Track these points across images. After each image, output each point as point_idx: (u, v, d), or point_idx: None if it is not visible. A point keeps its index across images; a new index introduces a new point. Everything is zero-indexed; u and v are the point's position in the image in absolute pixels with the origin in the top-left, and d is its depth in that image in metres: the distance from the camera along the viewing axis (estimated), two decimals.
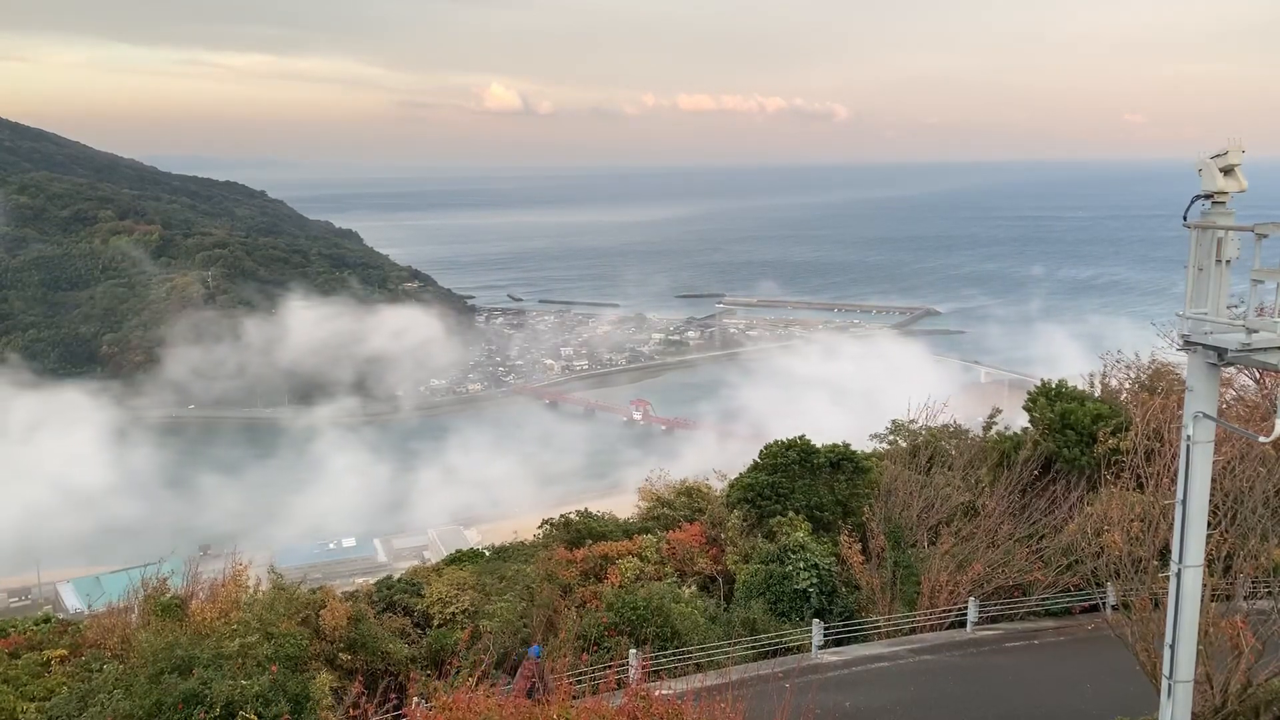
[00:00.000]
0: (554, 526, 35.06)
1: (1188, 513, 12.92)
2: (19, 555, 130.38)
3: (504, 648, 24.89)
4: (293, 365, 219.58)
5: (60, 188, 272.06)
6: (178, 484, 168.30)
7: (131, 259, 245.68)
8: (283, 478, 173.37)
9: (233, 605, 24.46)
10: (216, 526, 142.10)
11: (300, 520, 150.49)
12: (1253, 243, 11.78)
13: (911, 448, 37.43)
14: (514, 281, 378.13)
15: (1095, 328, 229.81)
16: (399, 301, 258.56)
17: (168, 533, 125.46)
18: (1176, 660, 13.53)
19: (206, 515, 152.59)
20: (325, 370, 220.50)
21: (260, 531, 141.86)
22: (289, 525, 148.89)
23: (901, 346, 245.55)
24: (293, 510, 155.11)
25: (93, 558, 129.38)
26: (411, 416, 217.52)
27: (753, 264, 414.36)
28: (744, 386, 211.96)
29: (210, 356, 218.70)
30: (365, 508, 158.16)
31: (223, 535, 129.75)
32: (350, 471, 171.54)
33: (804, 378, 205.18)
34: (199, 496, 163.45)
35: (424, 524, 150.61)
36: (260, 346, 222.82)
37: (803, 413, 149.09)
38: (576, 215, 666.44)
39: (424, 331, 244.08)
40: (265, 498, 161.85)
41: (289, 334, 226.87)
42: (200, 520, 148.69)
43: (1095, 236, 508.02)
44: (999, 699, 23.11)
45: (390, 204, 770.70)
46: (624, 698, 15.31)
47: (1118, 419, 32.18)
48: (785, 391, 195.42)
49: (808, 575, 28.22)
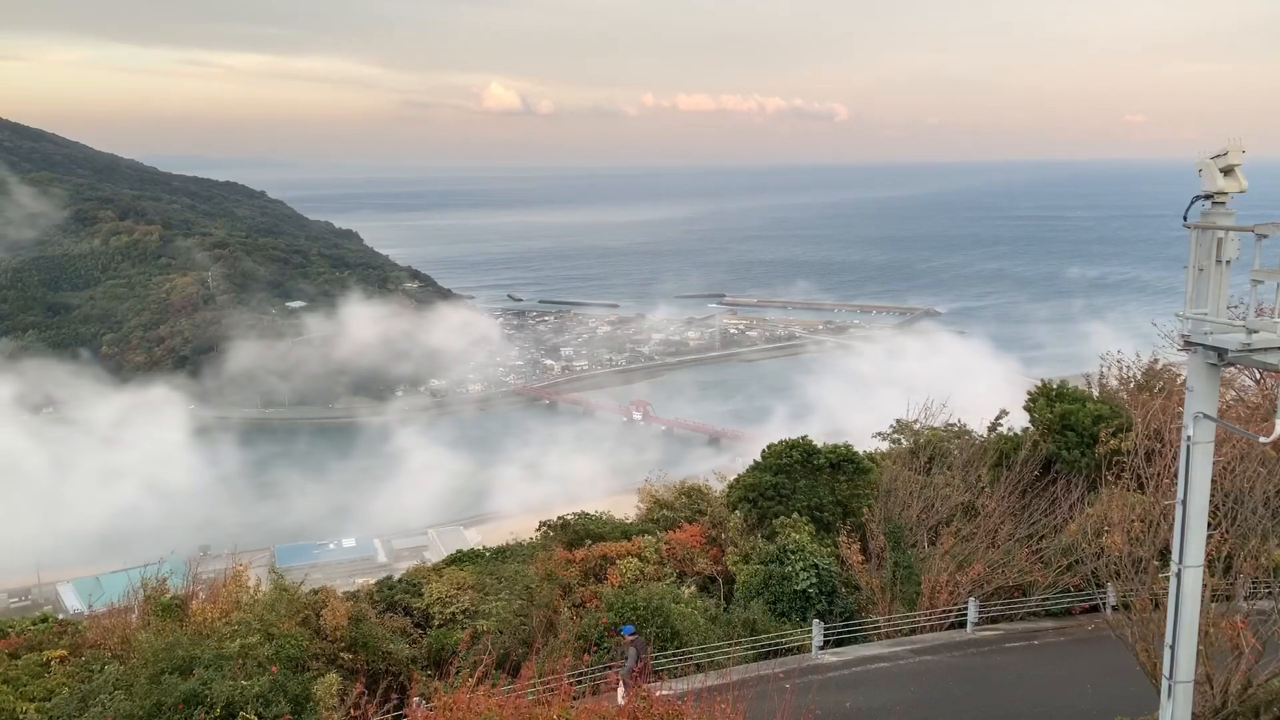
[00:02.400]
0: (551, 528, 35.07)
1: (1188, 513, 12.92)
2: (106, 550, 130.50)
3: (504, 648, 24.89)
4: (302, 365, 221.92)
5: (60, 188, 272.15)
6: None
7: (131, 259, 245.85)
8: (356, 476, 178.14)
9: (234, 606, 24.47)
10: (280, 521, 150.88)
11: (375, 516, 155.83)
12: (1253, 243, 11.78)
13: (912, 448, 37.40)
14: (515, 281, 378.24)
15: (1111, 324, 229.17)
16: (416, 302, 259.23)
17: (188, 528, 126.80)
18: (1177, 661, 13.52)
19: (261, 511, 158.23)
20: (367, 368, 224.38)
21: (336, 525, 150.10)
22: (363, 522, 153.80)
23: (963, 344, 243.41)
24: (362, 507, 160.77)
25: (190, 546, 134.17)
26: (417, 416, 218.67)
27: (753, 264, 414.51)
28: (810, 384, 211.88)
29: (261, 358, 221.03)
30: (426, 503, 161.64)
31: (293, 528, 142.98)
32: (427, 467, 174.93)
33: (870, 376, 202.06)
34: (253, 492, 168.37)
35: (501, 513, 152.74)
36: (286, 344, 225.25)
37: (872, 409, 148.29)
38: (577, 215, 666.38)
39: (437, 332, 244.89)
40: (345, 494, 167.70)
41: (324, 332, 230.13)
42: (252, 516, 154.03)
43: (1101, 236, 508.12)
44: (999, 699, 23.10)
45: (390, 204, 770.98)
46: (624, 698, 15.32)
47: (1118, 419, 32.17)
48: (856, 388, 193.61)
49: (808, 575, 28.21)
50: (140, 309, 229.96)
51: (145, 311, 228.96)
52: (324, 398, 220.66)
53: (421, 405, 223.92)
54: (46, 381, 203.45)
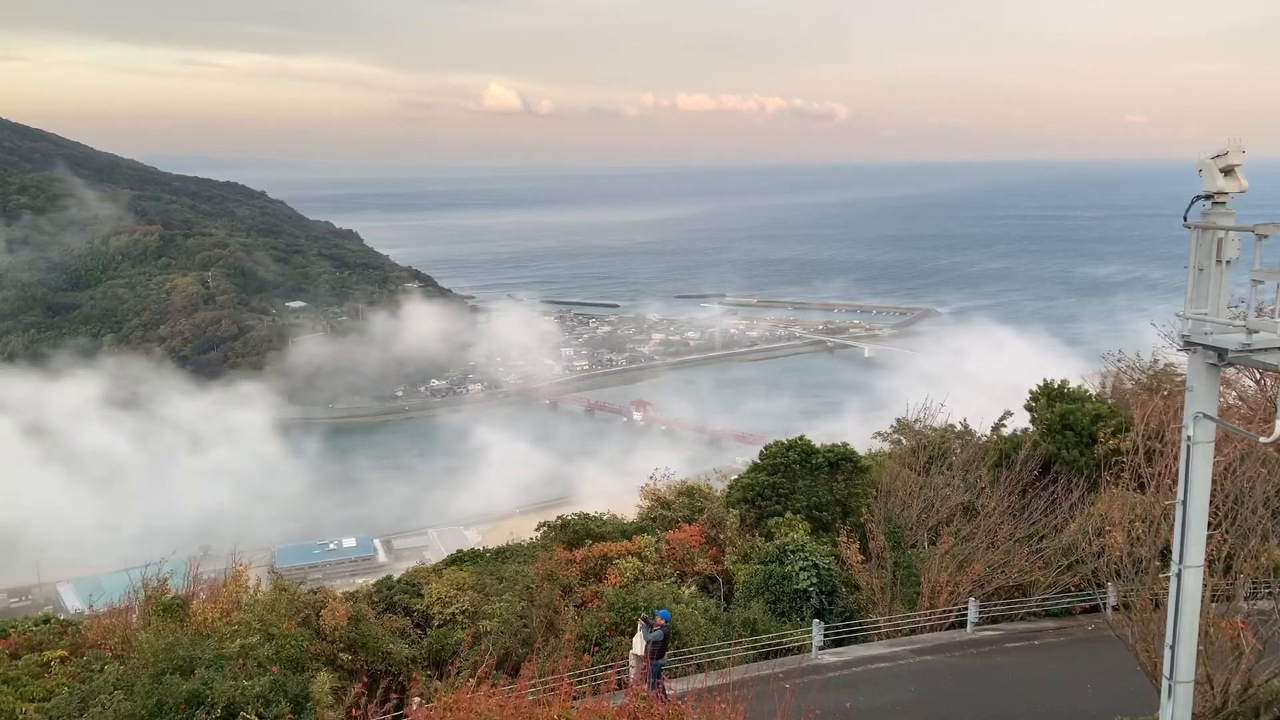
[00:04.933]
0: (551, 528, 35.03)
1: (1188, 513, 12.92)
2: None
3: (504, 648, 24.87)
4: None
5: (60, 188, 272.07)
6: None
7: (131, 259, 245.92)
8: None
9: (234, 606, 24.45)
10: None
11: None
12: (1253, 243, 11.78)
13: (913, 448, 37.38)
14: (516, 281, 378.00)
15: (1127, 323, 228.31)
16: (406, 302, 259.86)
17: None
18: (1177, 661, 13.52)
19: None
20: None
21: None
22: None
23: (1018, 338, 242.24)
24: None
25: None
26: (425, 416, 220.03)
27: (754, 264, 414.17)
28: (881, 381, 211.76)
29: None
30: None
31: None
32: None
33: (945, 374, 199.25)
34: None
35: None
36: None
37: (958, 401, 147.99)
38: (577, 215, 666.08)
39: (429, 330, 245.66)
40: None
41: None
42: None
43: (1105, 235, 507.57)
44: (1000, 699, 23.10)
45: (390, 204, 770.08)
46: (625, 698, 15.33)
47: (1117, 419, 32.18)
48: (934, 386, 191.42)
49: (807, 575, 28.18)
50: (140, 309, 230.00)
51: (145, 311, 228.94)
52: (383, 392, 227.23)
53: (476, 399, 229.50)
54: (126, 380, 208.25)
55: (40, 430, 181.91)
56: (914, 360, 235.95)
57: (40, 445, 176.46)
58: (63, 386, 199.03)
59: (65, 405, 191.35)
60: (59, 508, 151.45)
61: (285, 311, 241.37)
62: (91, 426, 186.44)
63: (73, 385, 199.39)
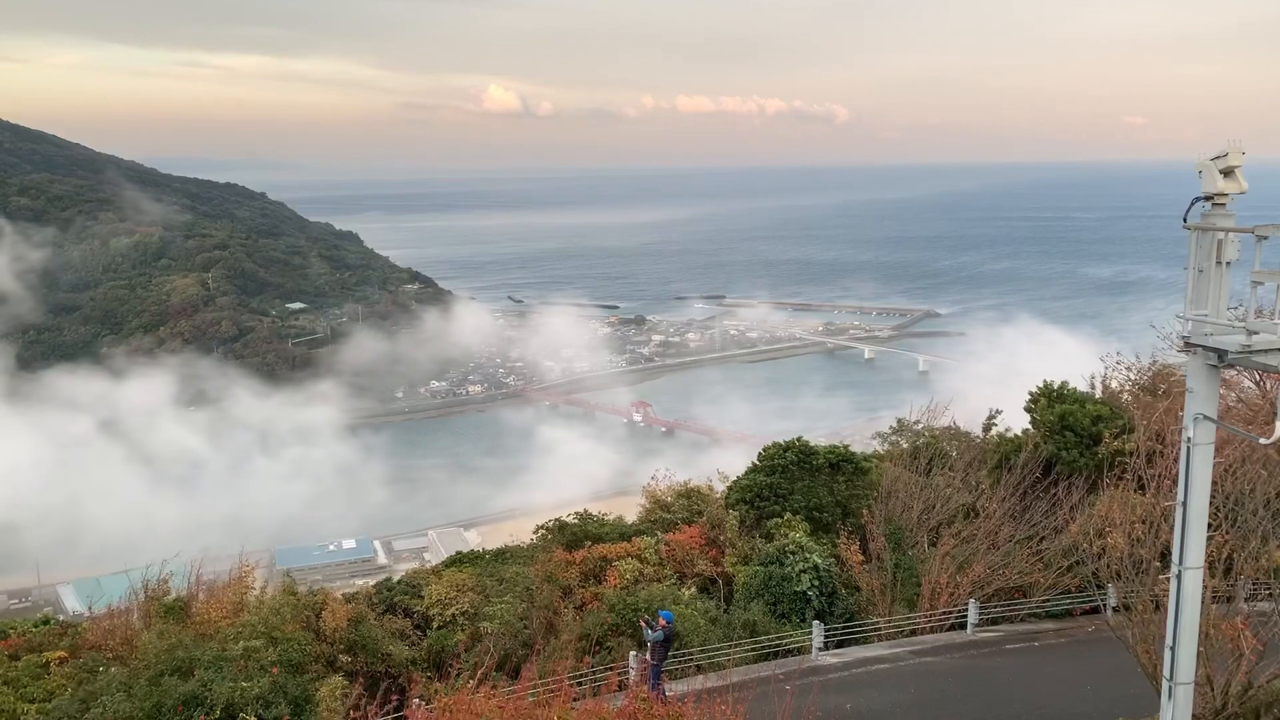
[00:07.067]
0: (549, 530, 35.00)
1: (1188, 515, 12.91)
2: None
3: (505, 649, 24.86)
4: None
5: (61, 189, 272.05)
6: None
7: (132, 260, 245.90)
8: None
9: (237, 607, 24.45)
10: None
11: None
12: (1253, 244, 11.78)
13: (912, 449, 37.37)
14: (517, 283, 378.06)
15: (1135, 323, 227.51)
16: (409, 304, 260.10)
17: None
18: (1177, 662, 13.51)
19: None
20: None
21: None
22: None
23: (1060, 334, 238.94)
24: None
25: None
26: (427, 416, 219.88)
27: (754, 265, 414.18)
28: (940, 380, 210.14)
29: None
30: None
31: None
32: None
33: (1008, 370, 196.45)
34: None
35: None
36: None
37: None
38: (577, 217, 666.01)
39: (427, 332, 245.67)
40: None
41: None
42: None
43: (1109, 236, 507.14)
44: (1000, 701, 23.09)
45: (390, 205, 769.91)
46: (624, 700, 15.32)
47: (1118, 421, 32.17)
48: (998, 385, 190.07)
49: (807, 577, 28.14)
50: (141, 310, 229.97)
51: (145, 313, 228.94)
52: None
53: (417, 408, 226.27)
54: (194, 380, 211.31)
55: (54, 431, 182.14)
56: (913, 360, 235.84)
57: (47, 447, 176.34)
58: (126, 388, 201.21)
59: (130, 406, 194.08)
60: (86, 506, 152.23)
61: (285, 313, 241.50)
62: (166, 424, 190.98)
63: (134, 386, 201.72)
